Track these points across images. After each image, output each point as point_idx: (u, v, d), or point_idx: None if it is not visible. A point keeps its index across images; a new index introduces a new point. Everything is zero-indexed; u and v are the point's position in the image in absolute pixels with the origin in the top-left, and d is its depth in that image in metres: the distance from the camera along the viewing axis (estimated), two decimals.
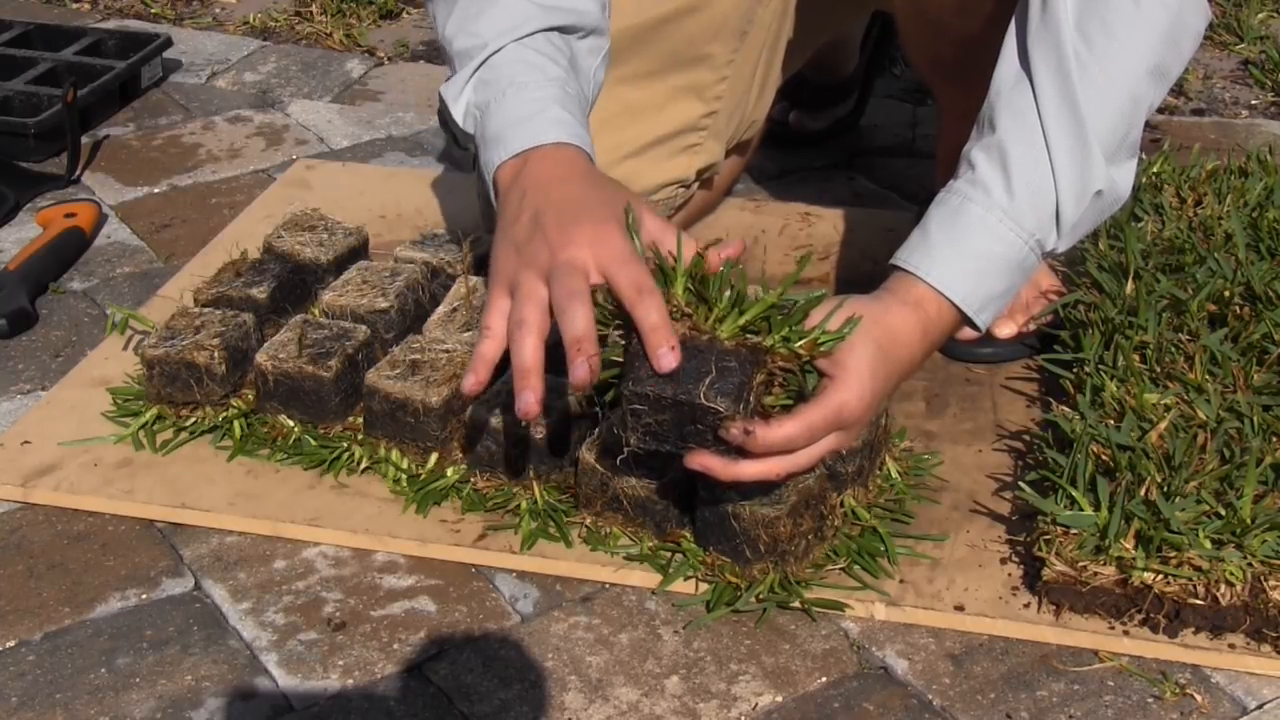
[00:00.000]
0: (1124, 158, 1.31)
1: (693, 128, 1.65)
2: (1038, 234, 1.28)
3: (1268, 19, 2.53)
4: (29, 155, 2.07)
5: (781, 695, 1.20)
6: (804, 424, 1.18)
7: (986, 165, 1.29)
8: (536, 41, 1.37)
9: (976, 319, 1.29)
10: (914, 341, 1.26)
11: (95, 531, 1.38)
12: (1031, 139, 1.28)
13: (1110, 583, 1.22)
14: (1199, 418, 1.33)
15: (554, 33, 1.38)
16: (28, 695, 1.21)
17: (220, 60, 2.41)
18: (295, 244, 1.65)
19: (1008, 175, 1.27)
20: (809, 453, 1.20)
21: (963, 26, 1.47)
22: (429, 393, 1.39)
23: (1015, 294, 1.33)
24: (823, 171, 2.05)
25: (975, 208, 1.28)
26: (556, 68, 1.36)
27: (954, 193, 1.30)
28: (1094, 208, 1.30)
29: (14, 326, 1.68)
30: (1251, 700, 1.19)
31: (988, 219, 1.27)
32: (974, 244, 1.28)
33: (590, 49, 1.42)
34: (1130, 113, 1.30)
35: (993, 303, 1.30)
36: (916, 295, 1.27)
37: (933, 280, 1.27)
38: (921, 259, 1.28)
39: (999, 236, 1.28)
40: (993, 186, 1.28)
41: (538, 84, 1.34)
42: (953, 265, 1.27)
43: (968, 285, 1.27)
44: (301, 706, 1.19)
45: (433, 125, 2.16)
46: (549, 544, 1.33)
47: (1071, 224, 1.29)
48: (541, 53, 1.36)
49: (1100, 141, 1.28)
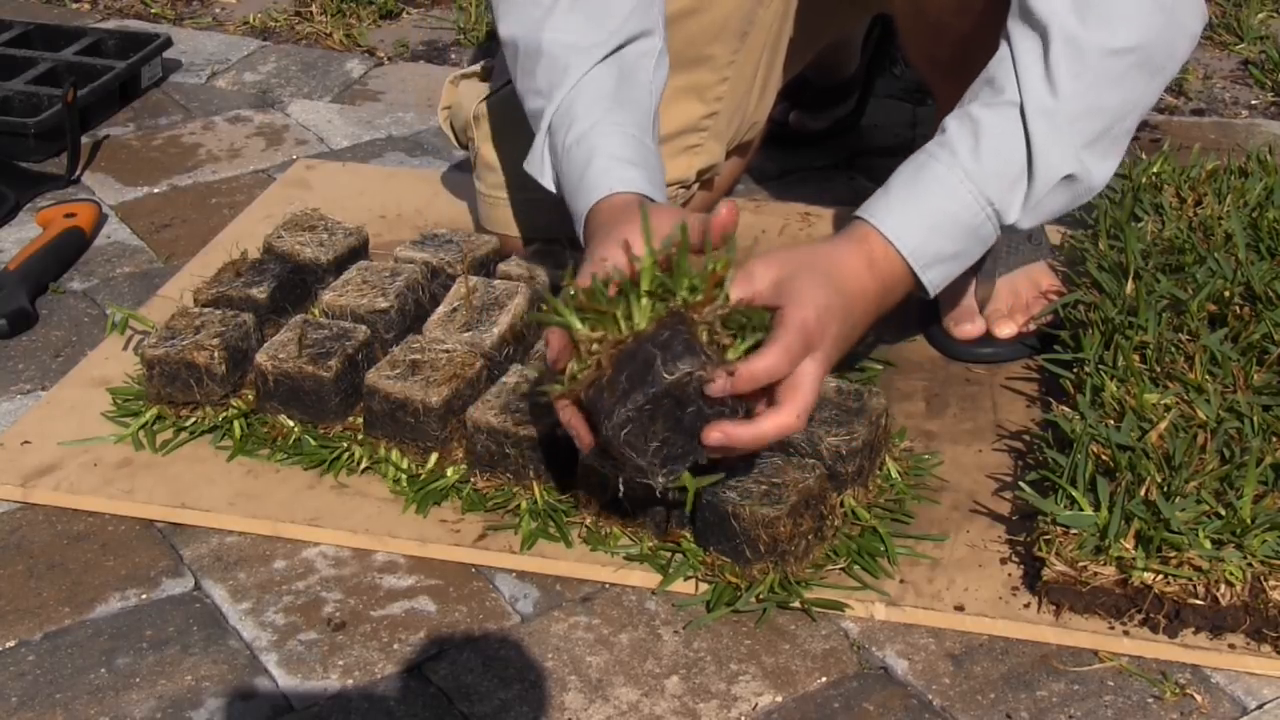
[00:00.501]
0: (1104, 148, 1.31)
1: (693, 128, 1.65)
2: (997, 203, 1.29)
3: (1268, 19, 2.53)
4: (29, 155, 2.07)
5: (781, 695, 1.20)
6: (778, 349, 1.17)
7: (957, 129, 1.30)
8: (581, 88, 1.41)
9: (923, 276, 1.29)
10: (860, 270, 1.26)
11: (95, 531, 1.38)
12: (1006, 112, 1.29)
13: (1110, 583, 1.22)
14: (1199, 418, 1.33)
15: (599, 66, 1.41)
16: (28, 695, 1.21)
17: (220, 60, 2.41)
18: (295, 244, 1.65)
19: (977, 140, 1.28)
20: (805, 386, 1.18)
21: (961, 27, 1.47)
22: (429, 393, 1.39)
23: (968, 263, 1.33)
24: (823, 171, 2.05)
25: (939, 165, 1.29)
26: (599, 106, 1.39)
27: (922, 152, 1.31)
28: (1063, 191, 1.31)
29: (14, 326, 1.68)
30: (1251, 700, 1.19)
31: (948, 178, 1.28)
32: (931, 200, 1.28)
33: (643, 52, 1.45)
34: (1116, 105, 1.30)
35: (941, 263, 1.29)
36: (860, 234, 1.27)
37: (885, 229, 1.27)
38: (877, 209, 1.29)
39: (957, 196, 1.28)
40: (959, 148, 1.28)
41: (582, 136, 1.37)
42: (905, 216, 1.28)
43: (917, 238, 1.27)
44: (301, 706, 1.19)
45: (433, 125, 2.16)
46: (549, 544, 1.33)
47: (1036, 201, 1.30)
48: (589, 95, 1.40)
49: (1077, 126, 1.28)
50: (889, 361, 1.58)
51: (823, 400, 1.37)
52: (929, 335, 1.62)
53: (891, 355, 1.59)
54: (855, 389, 1.38)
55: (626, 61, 1.43)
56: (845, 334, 1.24)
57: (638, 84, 1.43)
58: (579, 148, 1.38)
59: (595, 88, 1.41)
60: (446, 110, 1.77)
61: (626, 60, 1.43)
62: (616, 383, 1.15)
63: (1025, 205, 1.30)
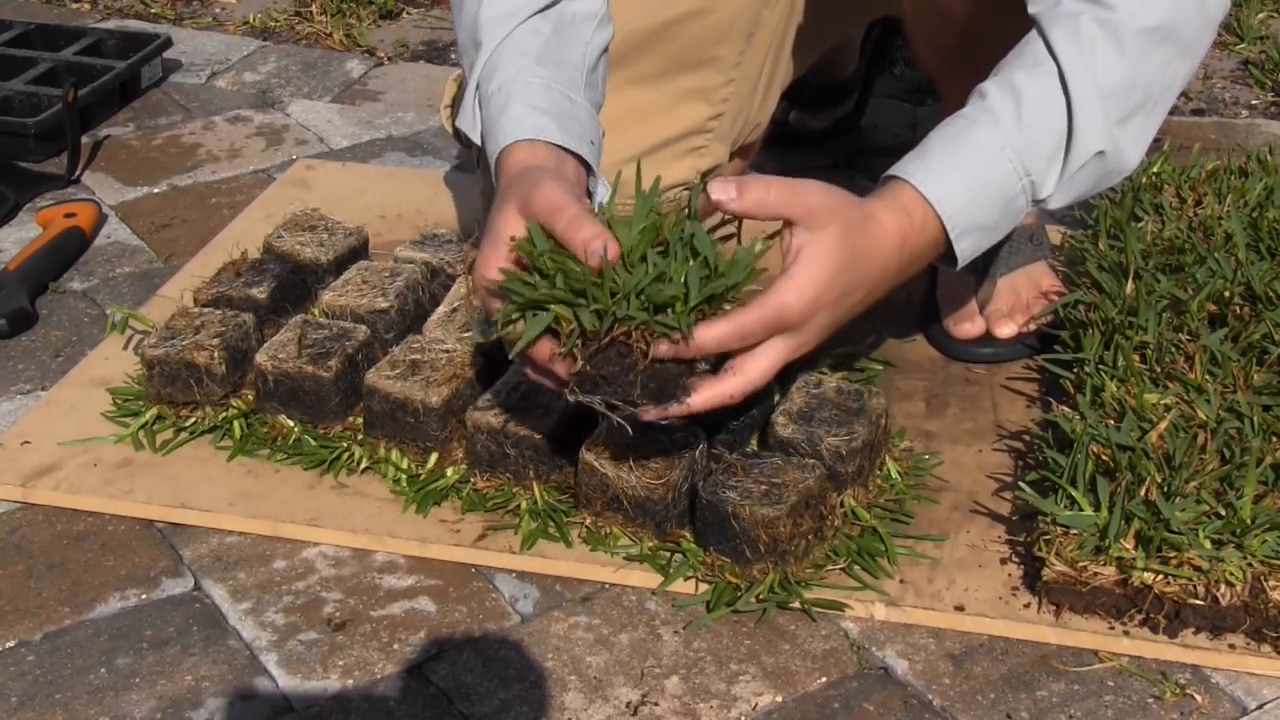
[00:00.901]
0: (1136, 127, 1.29)
1: (699, 130, 1.65)
2: (1035, 176, 1.26)
3: (1268, 19, 2.53)
4: (29, 155, 2.07)
5: (781, 695, 1.20)
6: (734, 325, 1.14)
7: (999, 96, 1.26)
8: (513, 39, 1.37)
9: (957, 245, 1.26)
10: (889, 250, 1.22)
11: (95, 531, 1.38)
12: (1048, 81, 1.26)
13: (1110, 583, 1.22)
14: (1199, 418, 1.33)
15: (534, 18, 1.38)
16: (28, 695, 1.21)
17: (220, 60, 2.41)
18: (295, 244, 1.65)
19: (1019, 108, 1.25)
20: (758, 363, 1.17)
21: (970, 15, 1.46)
22: (429, 393, 1.39)
23: (996, 237, 1.29)
24: (823, 171, 2.05)
25: (981, 132, 1.25)
26: (524, 57, 1.35)
27: (960, 117, 1.27)
28: (1094, 168, 1.29)
29: (14, 326, 1.68)
30: (1251, 700, 1.19)
31: (990, 144, 1.25)
32: (974, 166, 1.25)
33: (583, 14, 1.41)
34: (1147, 82, 1.28)
35: (975, 233, 1.27)
36: (905, 202, 1.24)
37: (926, 191, 1.24)
38: (917, 169, 1.25)
39: (999, 165, 1.25)
40: (1003, 116, 1.25)
41: (501, 87, 1.33)
42: (948, 180, 1.24)
43: (959, 204, 1.24)
44: (301, 706, 1.19)
45: (433, 125, 2.16)
46: (549, 544, 1.33)
47: (1069, 176, 1.28)
48: (514, 50, 1.36)
49: (1112, 101, 1.26)
50: (889, 361, 1.58)
51: (823, 400, 1.37)
52: (929, 335, 1.62)
53: (891, 355, 1.59)
54: (855, 389, 1.38)
55: (564, 17, 1.40)
56: (837, 320, 1.22)
57: (573, 42, 1.40)
58: (499, 95, 1.34)
59: (525, 42, 1.37)
60: (449, 109, 1.77)
61: (564, 15, 1.40)
62: (593, 373, 1.14)
63: (1060, 179, 1.27)
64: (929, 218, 1.24)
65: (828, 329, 1.21)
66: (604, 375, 1.14)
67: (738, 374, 1.17)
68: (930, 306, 1.63)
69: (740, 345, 1.16)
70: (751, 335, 1.16)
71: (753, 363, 1.17)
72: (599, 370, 1.14)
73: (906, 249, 1.24)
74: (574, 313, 1.13)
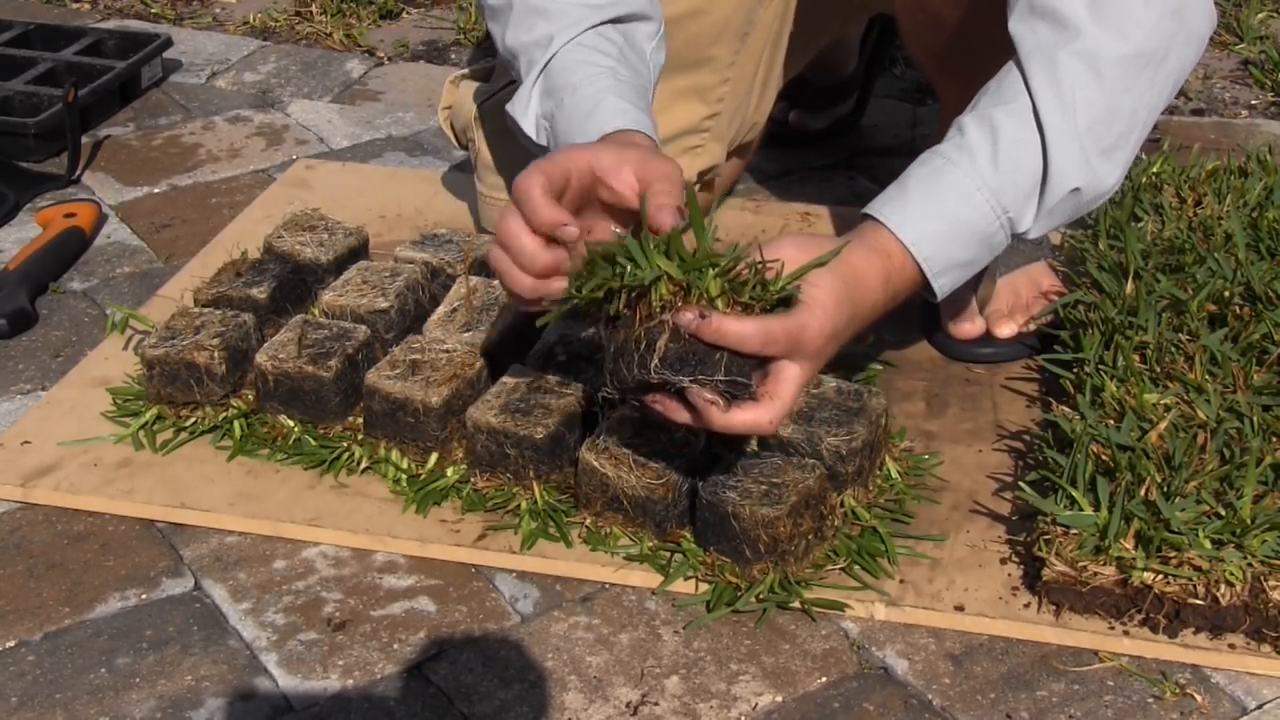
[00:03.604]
0: (1116, 155, 1.30)
1: (695, 129, 1.65)
2: (1012, 213, 1.28)
3: (1268, 19, 2.53)
4: (29, 155, 2.07)
5: (781, 695, 1.20)
6: (761, 328, 1.15)
7: (976, 133, 1.28)
8: (588, 38, 1.39)
9: (935, 282, 1.28)
10: (876, 287, 1.25)
11: (95, 531, 1.38)
12: (1024, 118, 1.27)
13: (1110, 583, 1.22)
14: (1199, 418, 1.33)
15: (605, 26, 1.40)
16: (28, 695, 1.21)
17: (220, 60, 2.41)
18: (295, 244, 1.65)
19: (995, 147, 1.27)
20: (785, 392, 1.18)
21: (961, 18, 1.47)
22: (429, 393, 1.39)
23: (977, 270, 1.32)
24: (822, 171, 2.05)
25: (957, 172, 1.27)
26: (608, 58, 1.37)
27: (938, 154, 1.29)
28: (1073, 199, 1.30)
29: (14, 326, 1.68)
30: (1251, 700, 1.19)
31: (966, 185, 1.27)
32: (949, 207, 1.27)
33: (645, 33, 1.44)
34: (1128, 111, 1.29)
35: (953, 270, 1.29)
36: (883, 244, 1.26)
37: (903, 235, 1.26)
38: (894, 211, 1.27)
39: (974, 205, 1.27)
40: (978, 154, 1.27)
41: (591, 79, 1.35)
42: (924, 224, 1.27)
43: (933, 246, 1.27)
44: (301, 706, 1.19)
45: (433, 125, 2.16)
46: (549, 544, 1.33)
47: (1048, 210, 1.29)
48: (593, 48, 1.38)
49: (1091, 133, 1.27)
50: (889, 361, 1.58)
51: (823, 400, 1.37)
52: (929, 335, 1.63)
53: (891, 355, 1.59)
54: (855, 389, 1.38)
55: (629, 33, 1.43)
56: (836, 349, 1.24)
57: (640, 57, 1.42)
58: (590, 86, 1.35)
59: (605, 43, 1.40)
60: (447, 110, 1.77)
61: (629, 32, 1.43)
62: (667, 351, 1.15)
63: (1038, 214, 1.29)
64: (907, 260, 1.27)
65: (830, 357, 1.23)
66: (628, 346, 1.15)
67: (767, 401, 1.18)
68: (930, 307, 1.63)
69: (759, 349, 1.16)
70: (773, 344, 1.16)
71: (776, 393, 1.18)
72: (624, 339, 1.15)
73: (890, 286, 1.26)
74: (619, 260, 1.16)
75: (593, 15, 1.40)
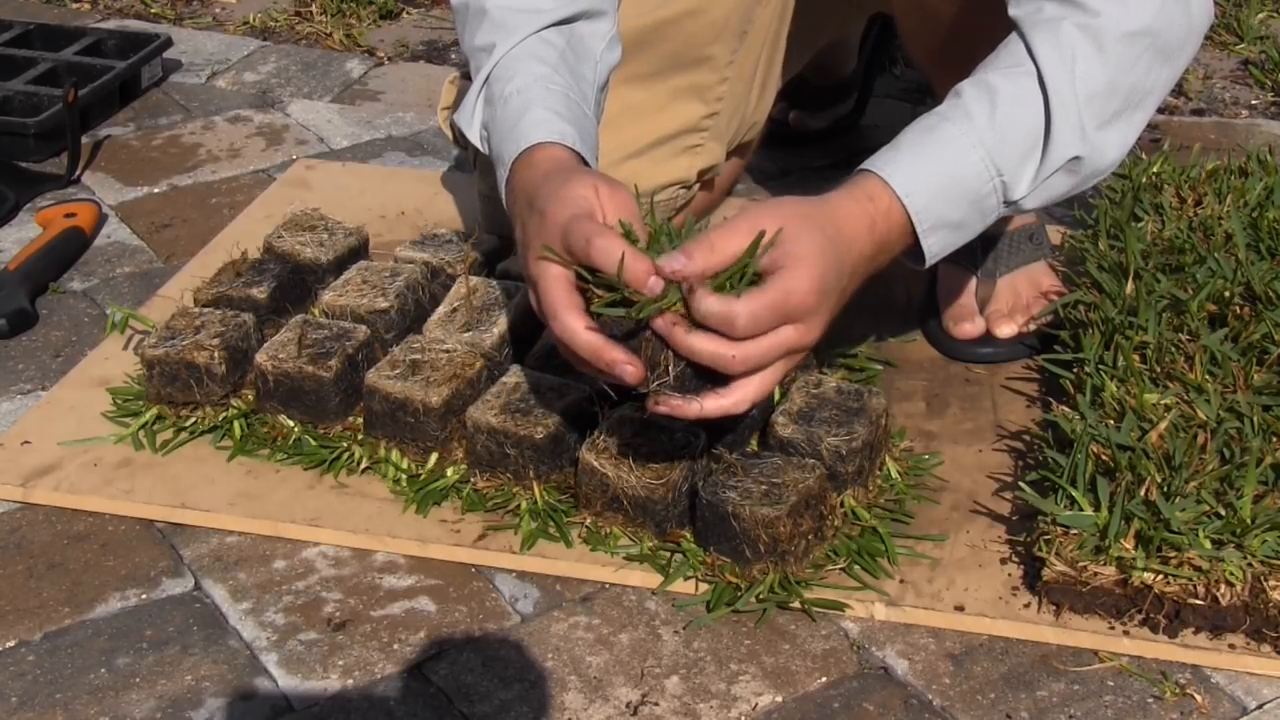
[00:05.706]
0: (1116, 130, 1.29)
1: (694, 129, 1.65)
2: (1007, 175, 1.25)
3: (1268, 19, 2.53)
4: (29, 155, 2.07)
5: (781, 695, 1.20)
6: (746, 306, 1.13)
7: (974, 95, 1.26)
8: (529, 45, 1.37)
9: (924, 240, 1.25)
10: (860, 234, 1.21)
11: (95, 531, 1.38)
12: (1025, 82, 1.26)
13: (1110, 583, 1.22)
14: (1199, 418, 1.33)
15: (549, 30, 1.38)
16: (28, 695, 1.21)
17: (220, 60, 2.41)
18: (295, 244, 1.65)
19: (993, 106, 1.25)
20: (761, 346, 1.15)
21: (961, 19, 1.47)
22: (429, 393, 1.39)
23: (967, 237, 1.29)
24: (822, 171, 2.05)
25: (952, 128, 1.25)
26: (543, 65, 1.35)
27: (934, 114, 1.27)
28: (1070, 172, 1.28)
29: (14, 326, 1.68)
30: (1251, 700, 1.19)
31: (961, 141, 1.24)
32: (942, 161, 1.24)
33: (594, 32, 1.41)
34: (1128, 87, 1.28)
35: (943, 230, 1.25)
36: (869, 189, 1.23)
37: (894, 182, 1.23)
38: (885, 163, 1.24)
39: (968, 162, 1.25)
40: (976, 114, 1.25)
41: (521, 89, 1.33)
42: (916, 174, 1.24)
43: (925, 197, 1.23)
44: (301, 706, 1.19)
45: (433, 125, 2.16)
46: (549, 544, 1.33)
47: (1043, 179, 1.27)
48: (530, 55, 1.36)
49: (1092, 105, 1.26)
50: (889, 361, 1.58)
51: (822, 400, 1.37)
52: (929, 335, 1.63)
53: (891, 355, 1.59)
54: (855, 389, 1.38)
55: (576, 34, 1.41)
56: (839, 303, 1.21)
57: (585, 57, 1.40)
58: (518, 97, 1.33)
59: (543, 49, 1.37)
60: (447, 110, 1.77)
61: (576, 33, 1.41)
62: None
63: (1034, 181, 1.27)
64: (894, 205, 1.23)
65: (829, 316, 1.20)
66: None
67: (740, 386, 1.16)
68: (930, 306, 1.64)
69: (746, 329, 1.14)
70: (761, 320, 1.14)
71: (754, 345, 1.15)
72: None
73: (875, 232, 1.23)
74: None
75: (535, 21, 1.38)
